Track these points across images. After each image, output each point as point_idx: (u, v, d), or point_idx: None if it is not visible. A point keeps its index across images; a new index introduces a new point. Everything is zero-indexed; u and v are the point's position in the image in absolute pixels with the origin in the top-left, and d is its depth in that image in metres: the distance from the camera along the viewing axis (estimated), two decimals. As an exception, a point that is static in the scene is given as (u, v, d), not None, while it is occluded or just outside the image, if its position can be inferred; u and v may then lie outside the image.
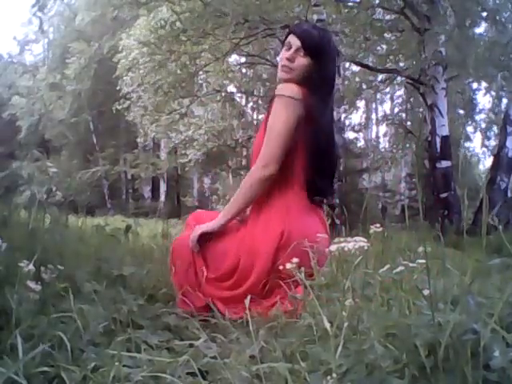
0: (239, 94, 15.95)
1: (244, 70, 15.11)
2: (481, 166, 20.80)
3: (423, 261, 0.99)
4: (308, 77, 1.81)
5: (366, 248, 1.10)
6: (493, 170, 7.94)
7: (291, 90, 1.77)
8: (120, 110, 11.85)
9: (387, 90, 15.35)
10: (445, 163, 7.37)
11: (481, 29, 8.65)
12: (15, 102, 20.84)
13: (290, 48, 1.84)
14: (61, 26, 21.67)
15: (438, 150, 7.38)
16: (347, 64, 12.06)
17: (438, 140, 7.39)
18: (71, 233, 2.35)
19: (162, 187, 20.11)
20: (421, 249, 1.11)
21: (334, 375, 0.80)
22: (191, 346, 1.27)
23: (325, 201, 1.96)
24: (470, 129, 16.41)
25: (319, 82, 1.82)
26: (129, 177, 20.71)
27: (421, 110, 8.96)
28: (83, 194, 18.55)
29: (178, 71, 9.77)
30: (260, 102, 16.42)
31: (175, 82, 9.97)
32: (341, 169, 9.11)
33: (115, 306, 1.47)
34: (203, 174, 19.71)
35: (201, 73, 11.18)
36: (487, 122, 15.86)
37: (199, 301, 1.76)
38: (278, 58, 1.99)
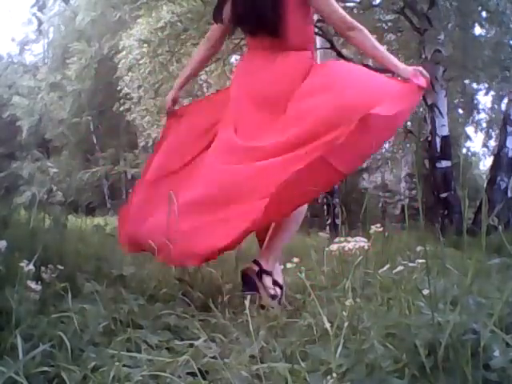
0: (239, 94, 15.89)
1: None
2: (481, 166, 20.75)
3: (423, 260, 0.99)
4: None
5: (366, 248, 1.10)
6: (493, 170, 7.90)
7: None
8: (121, 110, 11.83)
9: (387, 90, 15.29)
10: (445, 163, 7.36)
11: (479, 30, 8.61)
12: (16, 102, 20.80)
13: None
14: (61, 26, 21.64)
15: (438, 149, 7.38)
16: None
17: (438, 140, 7.38)
18: (71, 233, 2.34)
19: (162, 187, 20.07)
20: (419, 248, 1.11)
21: (334, 375, 0.80)
22: (191, 345, 1.26)
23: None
24: (470, 129, 16.38)
25: None
26: (129, 177, 20.66)
27: (421, 110, 8.94)
28: (83, 194, 18.57)
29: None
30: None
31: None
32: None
33: (115, 306, 1.47)
34: (203, 174, 19.61)
35: (201, 73, 11.15)
36: (487, 121, 15.82)
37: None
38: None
